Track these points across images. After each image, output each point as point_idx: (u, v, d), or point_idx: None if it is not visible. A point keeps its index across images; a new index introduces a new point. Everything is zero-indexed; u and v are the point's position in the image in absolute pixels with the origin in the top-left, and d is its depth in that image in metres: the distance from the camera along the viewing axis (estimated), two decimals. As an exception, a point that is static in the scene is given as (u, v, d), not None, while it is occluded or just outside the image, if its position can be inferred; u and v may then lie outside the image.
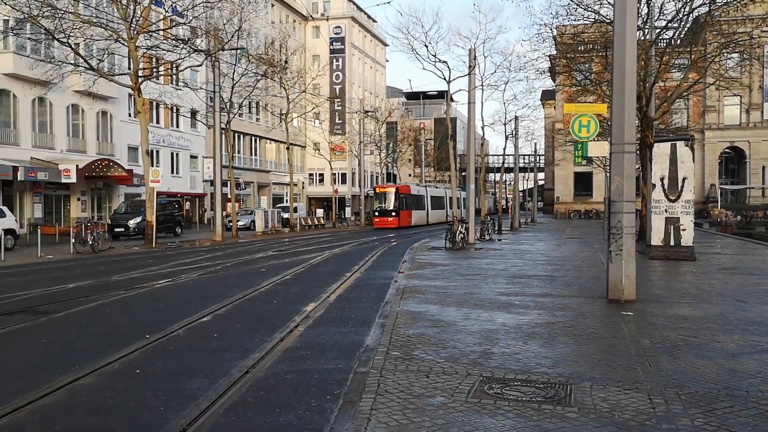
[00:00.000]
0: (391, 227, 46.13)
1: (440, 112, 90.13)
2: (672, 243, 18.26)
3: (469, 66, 27.33)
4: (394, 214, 47.12)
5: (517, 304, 10.76)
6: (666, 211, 18.20)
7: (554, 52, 32.00)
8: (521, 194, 66.61)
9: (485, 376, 6.40)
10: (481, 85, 36.29)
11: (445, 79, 32.58)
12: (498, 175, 75.15)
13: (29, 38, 32.19)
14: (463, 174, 62.98)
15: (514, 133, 46.67)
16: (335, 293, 12.87)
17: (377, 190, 49.35)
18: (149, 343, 8.31)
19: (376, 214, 48.01)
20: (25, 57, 33.84)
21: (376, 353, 7.43)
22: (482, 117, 77.75)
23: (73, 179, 34.87)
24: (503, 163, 53.66)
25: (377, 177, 78.20)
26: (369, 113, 61.74)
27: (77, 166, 35.22)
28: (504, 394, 5.84)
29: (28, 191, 35.93)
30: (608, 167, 13.69)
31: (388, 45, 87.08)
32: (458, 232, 23.88)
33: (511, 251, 22.89)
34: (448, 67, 40.37)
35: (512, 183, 59.43)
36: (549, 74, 35.79)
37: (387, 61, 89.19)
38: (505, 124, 46.09)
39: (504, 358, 7.11)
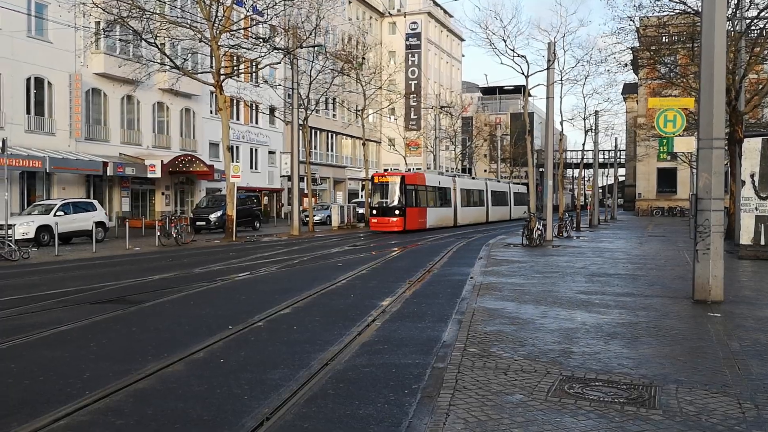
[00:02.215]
0: (394, 230, 34.22)
1: (517, 107, 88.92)
2: (762, 242, 17.46)
3: (548, 60, 26.86)
4: (398, 212, 34.44)
5: (597, 303, 10.53)
6: (756, 209, 17.40)
7: (637, 45, 31.04)
8: (600, 190, 64.93)
9: (565, 375, 6.31)
10: (561, 79, 35.64)
11: (523, 73, 32.18)
12: (576, 171, 73.57)
13: (119, 39, 33.61)
14: (541, 170, 61.99)
15: (593, 127, 45.59)
16: (411, 288, 12.92)
17: (375, 179, 36.46)
18: (232, 333, 8.56)
19: (374, 212, 35.42)
20: (114, 57, 35.36)
21: (453, 349, 7.44)
22: (561, 111, 76.16)
23: (158, 174, 36.22)
24: (582, 158, 52.48)
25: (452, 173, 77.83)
26: (444, 109, 61.52)
27: (162, 161, 36.55)
28: (585, 394, 5.75)
29: (116, 186, 37.57)
30: (695, 163, 13.21)
31: (464, 40, 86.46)
32: (535, 228, 23.52)
33: (590, 249, 22.40)
34: (527, 61, 39.68)
35: (591, 179, 58.03)
36: (631, 67, 34.77)
37: (463, 56, 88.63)
38: (584, 119, 45.11)
39: (584, 358, 6.99)
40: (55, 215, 24.69)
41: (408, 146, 62.11)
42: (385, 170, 61.37)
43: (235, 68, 35.78)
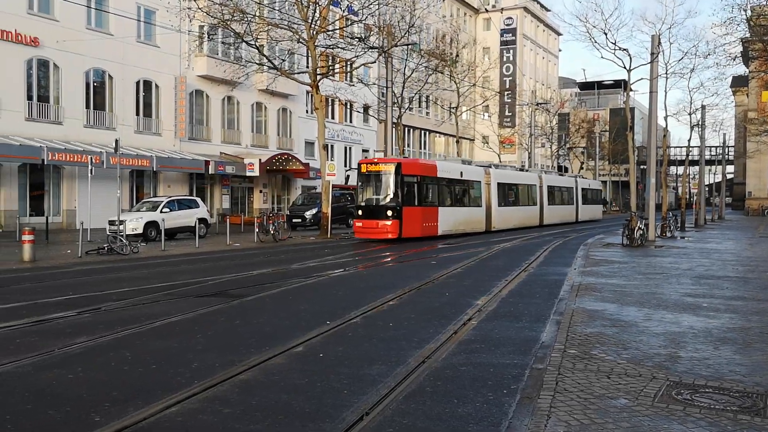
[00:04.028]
0: (383, 238, 25.60)
1: (616, 102, 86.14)
2: None
3: (652, 53, 25.83)
4: (391, 213, 25.40)
5: (705, 307, 10.07)
6: None
7: (747, 35, 29.41)
8: (707, 189, 61.95)
9: (672, 381, 6.07)
10: (665, 73, 34.22)
11: (624, 67, 31.02)
12: (680, 169, 70.47)
13: (221, 42, 34.88)
14: (642, 167, 59.79)
15: (700, 123, 43.54)
16: (507, 288, 12.75)
17: (363, 168, 26.93)
18: (330, 329, 8.71)
19: (360, 213, 26.50)
20: (216, 59, 36.74)
21: (552, 350, 7.30)
22: (665, 106, 73.26)
23: (257, 172, 37.35)
24: (687, 155, 50.19)
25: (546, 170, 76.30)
26: (540, 105, 60.36)
27: (260, 160, 37.68)
28: (694, 401, 5.51)
29: (217, 183, 39.02)
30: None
31: (561, 34, 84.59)
32: (637, 228, 22.73)
33: (696, 250, 21.43)
34: (629, 54, 38.14)
35: (697, 176, 55.44)
36: (741, 59, 32.95)
37: (560, 50, 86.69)
38: (690, 114, 43.11)
39: (692, 363, 6.70)
40: (161, 212, 25.88)
41: (502, 143, 61.39)
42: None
43: (330, 68, 36.40)
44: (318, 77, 29.36)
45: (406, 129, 53.50)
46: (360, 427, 5.03)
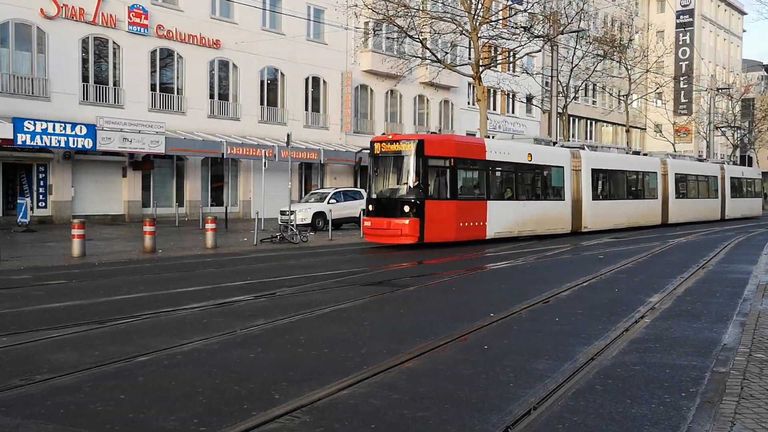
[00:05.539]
0: (398, 243, 19.31)
1: (810, 85, 78.00)
2: None
3: None
4: (408, 209, 19.09)
5: None
6: None
7: None
8: None
9: None
10: None
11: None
12: None
13: (386, 37, 35.69)
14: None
15: None
16: (683, 285, 11.99)
17: (376, 148, 20.23)
18: (493, 321, 8.66)
19: (370, 209, 20.15)
20: (380, 54, 37.64)
21: (735, 353, 6.80)
22: None
23: (420, 165, 37.77)
24: None
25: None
26: (721, 90, 56.01)
27: (423, 152, 38.05)
28: None
29: (381, 175, 39.94)
30: None
31: (746, 13, 77.96)
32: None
33: None
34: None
35: None
36: None
37: (744, 31, 79.93)
38: None
39: None
40: (328, 203, 26.98)
41: (677, 132, 57.71)
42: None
43: (493, 59, 36.01)
44: (481, 68, 29.16)
45: (572, 118, 51.81)
46: (528, 422, 4.96)
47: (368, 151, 20.51)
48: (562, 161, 24.98)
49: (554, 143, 26.51)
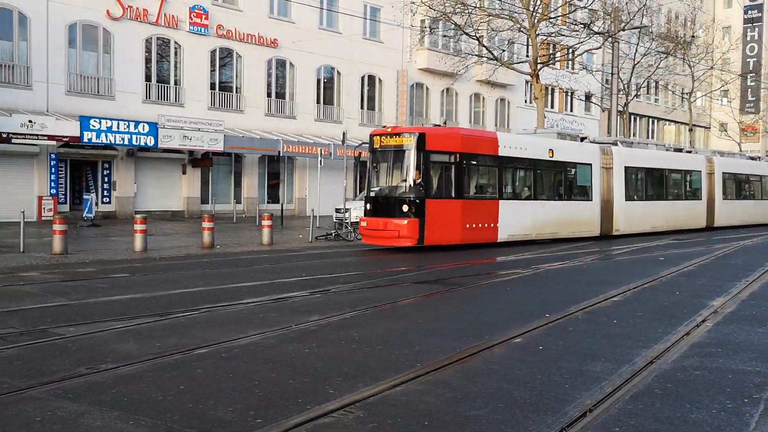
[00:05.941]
0: (396, 245, 18.15)
1: None
2: None
3: None
4: (406, 209, 17.84)
5: None
6: None
7: None
8: None
9: None
10: None
11: None
12: None
13: (443, 35, 35.59)
14: None
15: None
16: (747, 289, 11.62)
17: (375, 142, 19.37)
18: (549, 322, 8.56)
19: (368, 208, 19.02)
20: (436, 52, 37.56)
21: (804, 361, 6.55)
22: None
23: (474, 163, 37.54)
24: None
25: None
26: (790, 88, 53.95)
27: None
28: None
29: (436, 174, 39.86)
30: None
31: (817, 7, 74.66)
32: None
33: None
34: None
35: None
36: None
37: (815, 25, 76.62)
38: None
39: None
40: (383, 201, 27.01)
41: (743, 131, 55.85)
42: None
43: (551, 56, 35.54)
44: (538, 66, 28.82)
45: (632, 117, 50.68)
46: (584, 424, 4.89)
47: (368, 148, 19.57)
48: (589, 158, 23.07)
49: (582, 138, 24.44)
